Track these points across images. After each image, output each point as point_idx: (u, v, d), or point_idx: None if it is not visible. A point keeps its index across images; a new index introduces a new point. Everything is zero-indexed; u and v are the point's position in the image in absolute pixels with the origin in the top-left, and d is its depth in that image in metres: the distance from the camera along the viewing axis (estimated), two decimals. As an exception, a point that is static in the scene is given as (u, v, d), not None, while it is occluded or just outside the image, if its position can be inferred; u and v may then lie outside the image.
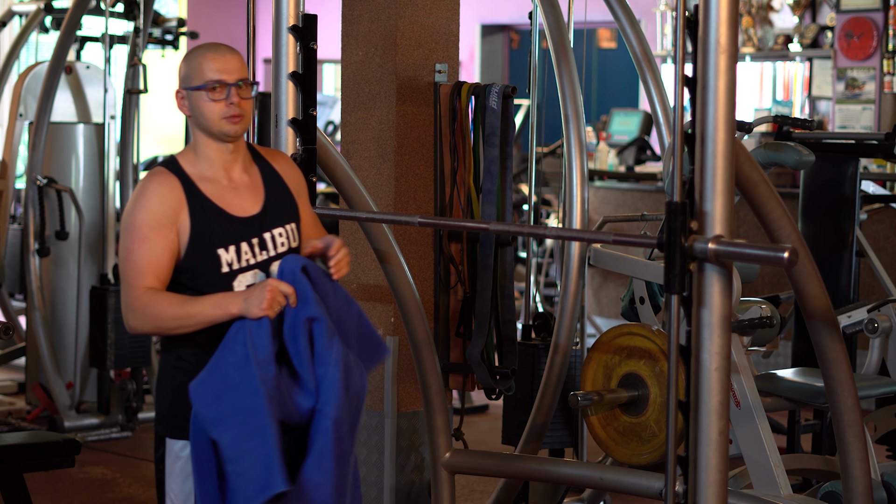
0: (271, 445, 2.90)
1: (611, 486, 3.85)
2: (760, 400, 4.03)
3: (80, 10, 6.81)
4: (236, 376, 2.93)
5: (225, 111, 3.03)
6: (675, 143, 2.79)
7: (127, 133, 6.89)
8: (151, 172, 3.06)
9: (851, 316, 4.83)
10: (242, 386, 2.93)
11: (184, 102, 3.07)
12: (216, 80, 3.03)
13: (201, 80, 3.03)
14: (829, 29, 10.02)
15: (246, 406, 2.92)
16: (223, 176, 3.09)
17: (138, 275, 2.97)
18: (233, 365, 2.94)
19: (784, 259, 2.67)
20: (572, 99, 4.52)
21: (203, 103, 3.04)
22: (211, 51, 3.07)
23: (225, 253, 3.03)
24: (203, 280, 3.02)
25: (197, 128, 3.08)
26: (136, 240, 2.98)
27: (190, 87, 3.05)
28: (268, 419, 2.91)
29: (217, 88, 3.03)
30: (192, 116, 3.07)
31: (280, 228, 3.12)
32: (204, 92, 3.03)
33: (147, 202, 3.00)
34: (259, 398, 2.91)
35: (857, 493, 3.36)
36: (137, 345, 6.66)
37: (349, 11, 4.69)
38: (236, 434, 2.93)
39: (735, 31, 2.76)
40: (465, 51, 12.55)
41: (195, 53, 3.08)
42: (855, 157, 5.23)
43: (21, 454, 4.31)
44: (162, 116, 12.23)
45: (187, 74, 3.06)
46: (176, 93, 3.08)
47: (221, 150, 3.08)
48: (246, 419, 2.92)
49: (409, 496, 4.62)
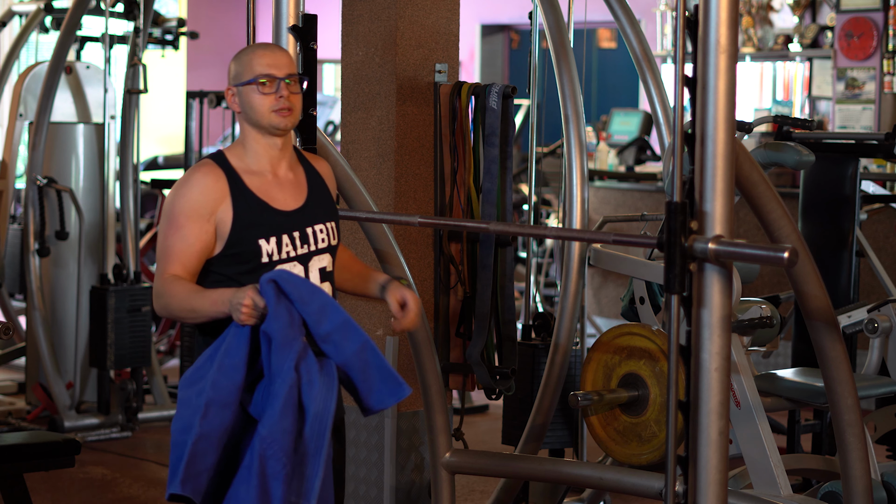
0: (187, 447, 2.94)
1: (611, 486, 3.85)
2: (760, 400, 4.03)
3: (80, 10, 6.81)
4: (201, 370, 3.01)
5: (274, 104, 3.12)
6: (675, 143, 2.79)
7: (127, 133, 6.89)
8: (198, 164, 3.14)
9: (851, 316, 4.83)
10: (198, 383, 2.99)
11: (234, 99, 3.16)
12: (266, 73, 3.11)
13: (251, 75, 3.12)
14: (829, 29, 10.02)
15: (193, 402, 2.98)
16: (269, 171, 3.16)
17: (167, 261, 3.06)
18: (206, 357, 3.02)
19: (784, 259, 2.67)
20: (572, 99, 4.52)
21: (253, 97, 3.12)
22: (261, 47, 3.17)
23: (266, 244, 3.10)
24: (243, 269, 3.08)
25: (247, 123, 3.15)
26: (172, 227, 3.06)
27: (240, 82, 3.14)
28: (196, 422, 2.94)
29: (267, 82, 3.11)
30: (243, 112, 3.15)
31: (321, 225, 3.20)
32: (254, 86, 3.11)
33: (188, 191, 3.08)
34: (201, 399, 2.96)
35: (857, 493, 3.36)
36: (137, 345, 6.66)
37: (349, 11, 4.69)
38: (183, 420, 2.98)
39: (735, 31, 2.76)
40: (465, 51, 12.55)
41: (245, 52, 3.17)
42: (855, 157, 5.23)
43: (21, 454, 4.31)
44: (162, 116, 12.24)
45: (237, 72, 3.15)
46: (227, 90, 3.16)
47: (270, 146, 3.16)
48: (190, 412, 2.98)
49: (409, 496, 4.62)
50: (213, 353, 3.01)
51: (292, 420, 2.96)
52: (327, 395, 3.03)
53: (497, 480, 4.65)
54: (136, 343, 6.66)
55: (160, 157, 11.19)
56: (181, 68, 12.61)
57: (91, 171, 6.95)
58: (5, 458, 4.23)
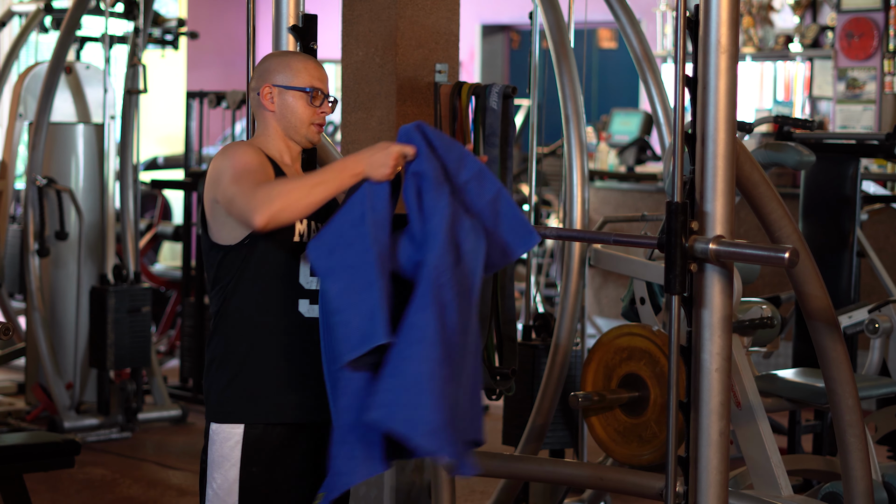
0: (376, 300, 2.94)
1: (611, 487, 3.85)
2: (761, 400, 4.03)
3: (79, 10, 6.81)
4: (351, 234, 3.01)
5: (315, 118, 3.17)
6: (676, 144, 2.78)
7: (127, 133, 6.89)
8: (236, 143, 3.12)
9: (852, 316, 4.83)
10: (355, 244, 2.99)
11: (271, 97, 3.15)
12: (319, 87, 3.16)
13: (306, 83, 3.15)
14: (830, 29, 10.02)
15: (356, 262, 2.98)
16: (290, 166, 3.20)
17: (254, 178, 2.99)
18: (349, 223, 3.01)
19: (785, 259, 2.67)
20: (572, 99, 4.52)
21: (299, 104, 3.15)
22: (309, 59, 3.21)
23: (299, 224, 3.12)
24: (276, 245, 3.08)
25: (277, 123, 3.17)
26: (241, 163, 3.02)
27: (290, 85, 3.15)
28: (375, 275, 2.96)
29: (318, 95, 3.15)
30: (278, 113, 3.16)
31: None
32: (306, 94, 3.14)
33: (247, 153, 3.07)
34: (369, 255, 2.97)
35: (858, 494, 3.36)
36: (137, 345, 6.66)
37: (349, 11, 4.68)
38: (343, 287, 2.98)
39: (736, 31, 2.76)
40: (465, 51, 12.54)
41: (292, 57, 3.20)
42: (855, 158, 5.23)
43: (21, 455, 4.30)
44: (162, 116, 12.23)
45: (284, 73, 3.16)
46: (265, 86, 3.15)
47: (292, 148, 3.21)
48: (355, 274, 2.98)
49: (409, 496, 4.61)
50: (336, 220, 3.02)
51: (453, 254, 2.99)
52: (477, 234, 3.05)
53: (497, 481, 4.64)
54: (136, 343, 6.66)
55: (160, 158, 11.19)
56: (181, 68, 12.61)
57: (91, 171, 6.95)
58: (5, 459, 4.23)
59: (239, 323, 3.11)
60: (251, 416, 3.10)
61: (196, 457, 3.46)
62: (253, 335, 3.11)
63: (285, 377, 3.12)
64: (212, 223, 3.10)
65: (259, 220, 2.92)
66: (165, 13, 7.89)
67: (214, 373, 3.15)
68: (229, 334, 3.12)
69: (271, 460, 3.11)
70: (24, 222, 6.84)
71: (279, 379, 3.11)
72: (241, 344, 3.11)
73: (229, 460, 3.10)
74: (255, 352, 3.10)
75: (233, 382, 3.11)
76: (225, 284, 3.10)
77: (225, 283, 3.10)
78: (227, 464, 3.10)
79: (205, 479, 3.16)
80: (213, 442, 3.12)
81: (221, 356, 3.13)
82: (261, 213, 2.92)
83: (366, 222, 3.00)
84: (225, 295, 3.11)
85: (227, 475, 3.10)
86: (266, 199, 2.93)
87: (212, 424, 3.13)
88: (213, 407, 3.14)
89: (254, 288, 3.09)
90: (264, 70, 3.18)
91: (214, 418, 3.13)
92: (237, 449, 3.10)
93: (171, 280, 8.61)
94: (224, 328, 3.13)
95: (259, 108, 3.18)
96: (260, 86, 3.17)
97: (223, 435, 3.11)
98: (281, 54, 3.24)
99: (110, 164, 6.85)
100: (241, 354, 3.11)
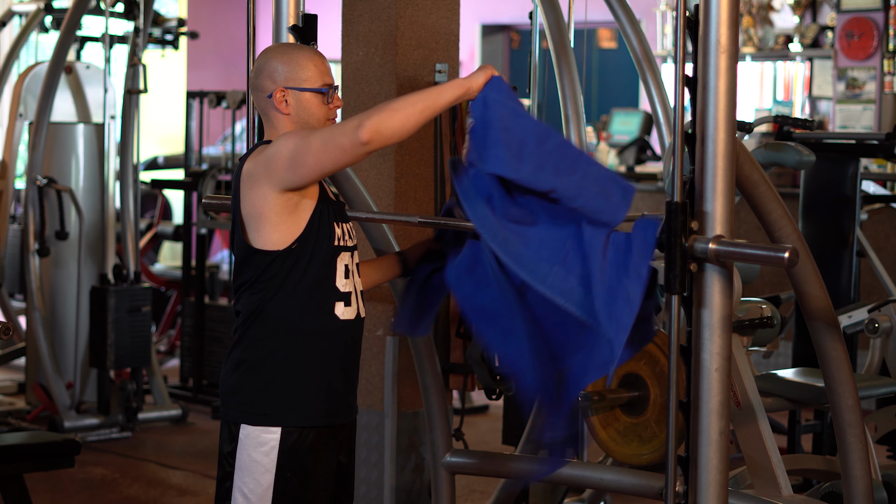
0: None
1: (611, 487, 3.84)
2: (761, 400, 4.03)
3: (80, 10, 6.81)
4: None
5: (330, 113, 3.14)
6: (676, 143, 2.78)
7: (127, 133, 6.89)
8: (261, 144, 3.09)
9: (852, 316, 4.83)
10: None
11: (285, 100, 3.10)
12: (330, 84, 3.12)
13: (320, 84, 3.11)
14: (830, 29, 10.02)
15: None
16: None
17: (340, 126, 2.95)
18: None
19: (784, 259, 2.67)
20: (572, 99, 4.52)
21: (315, 104, 3.10)
22: (314, 54, 3.14)
23: (337, 227, 3.11)
24: (317, 247, 3.06)
25: (294, 125, 3.11)
26: (296, 135, 2.99)
27: (305, 87, 3.10)
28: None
29: (331, 93, 3.12)
30: (293, 114, 3.11)
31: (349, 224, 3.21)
32: (322, 95, 3.11)
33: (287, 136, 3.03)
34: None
35: (858, 494, 3.36)
36: (137, 345, 6.66)
37: (349, 11, 4.69)
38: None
39: (735, 30, 2.76)
40: (465, 51, 12.54)
41: (295, 53, 3.13)
42: (855, 158, 5.23)
43: (21, 454, 4.30)
44: (162, 116, 12.23)
45: (297, 75, 3.10)
46: (278, 91, 3.08)
47: None
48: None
49: (409, 496, 4.61)
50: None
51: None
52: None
53: (497, 480, 4.64)
54: (136, 343, 6.66)
55: (160, 157, 11.18)
56: (181, 68, 12.61)
57: (91, 171, 6.95)
58: (5, 459, 4.23)
59: (278, 326, 3.06)
60: (289, 419, 3.06)
61: (196, 456, 3.45)
62: (292, 339, 3.06)
63: (321, 381, 3.09)
64: (258, 227, 3.03)
65: (364, 133, 2.86)
66: (165, 13, 7.89)
67: (245, 373, 3.09)
68: (266, 336, 3.07)
69: (305, 464, 3.08)
70: (24, 222, 6.84)
71: (316, 383, 3.08)
72: (280, 347, 3.07)
73: (263, 465, 3.06)
74: (294, 356, 3.06)
75: (270, 385, 3.06)
76: (265, 288, 3.05)
77: (265, 286, 3.05)
78: (261, 468, 3.06)
79: (229, 481, 3.09)
80: (244, 446, 3.07)
81: (256, 358, 3.07)
82: (364, 127, 2.87)
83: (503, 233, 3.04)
84: (263, 297, 3.05)
85: (261, 480, 3.06)
86: (363, 116, 2.89)
87: (242, 426, 3.07)
88: (244, 408, 3.08)
89: (295, 293, 3.05)
90: (273, 71, 3.10)
91: (246, 420, 3.07)
92: (273, 454, 3.05)
93: (171, 280, 8.61)
94: (260, 330, 3.07)
95: (271, 109, 3.11)
96: (270, 89, 3.09)
97: (257, 439, 3.06)
98: (285, 51, 3.15)
99: (110, 163, 6.85)
100: (279, 358, 3.06)
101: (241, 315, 3.10)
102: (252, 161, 3.04)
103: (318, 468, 3.10)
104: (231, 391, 3.12)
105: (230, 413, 3.11)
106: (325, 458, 3.11)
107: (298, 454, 3.07)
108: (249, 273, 3.07)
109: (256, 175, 3.01)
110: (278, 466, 3.06)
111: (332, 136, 2.93)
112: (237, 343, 3.11)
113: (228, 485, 3.10)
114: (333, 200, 3.15)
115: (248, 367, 3.09)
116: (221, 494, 3.13)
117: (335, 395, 3.12)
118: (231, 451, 3.09)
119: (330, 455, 3.13)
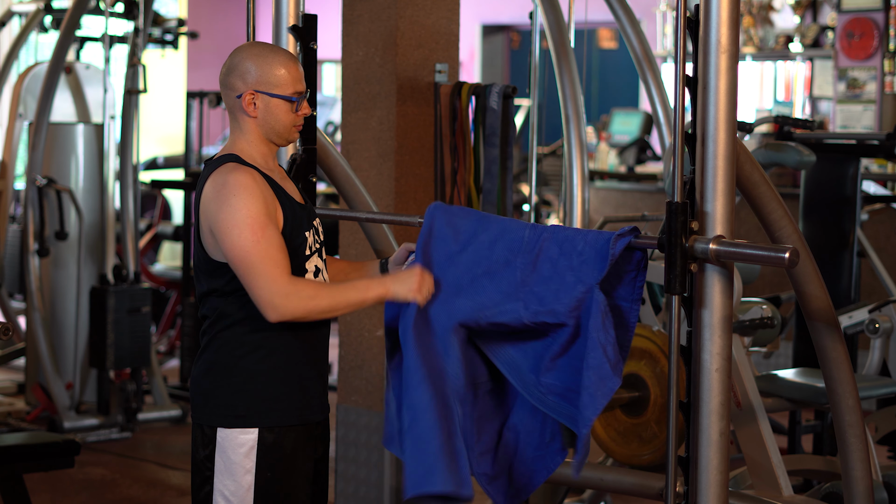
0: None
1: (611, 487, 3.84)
2: (761, 400, 4.03)
3: (79, 10, 6.81)
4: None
5: (297, 121, 3.12)
6: (676, 144, 2.78)
7: (127, 133, 6.88)
8: (232, 168, 3.03)
9: (852, 316, 4.82)
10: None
11: (255, 104, 3.08)
12: (301, 91, 3.10)
13: (291, 91, 3.08)
14: (830, 29, 10.02)
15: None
16: (274, 169, 3.15)
17: (275, 264, 2.96)
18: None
19: (785, 259, 2.67)
20: (573, 99, 4.51)
21: (285, 112, 3.09)
22: (288, 59, 3.11)
23: (308, 235, 3.11)
24: (293, 263, 3.05)
25: (260, 129, 3.09)
26: (257, 231, 2.96)
27: (275, 93, 3.07)
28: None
29: (301, 101, 3.10)
30: (260, 118, 3.09)
31: (317, 220, 3.22)
32: (291, 103, 3.09)
33: (251, 194, 2.99)
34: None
35: (858, 494, 3.35)
36: (137, 345, 6.66)
37: (349, 11, 4.68)
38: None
39: (736, 31, 2.76)
40: (465, 51, 12.55)
41: (269, 57, 3.09)
42: (856, 158, 5.23)
43: (21, 455, 4.30)
44: (162, 116, 12.24)
45: (268, 80, 3.07)
46: (248, 93, 3.06)
47: (273, 150, 3.15)
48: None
49: (410, 497, 4.61)
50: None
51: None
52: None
53: (497, 481, 4.63)
54: (136, 343, 6.66)
55: (160, 158, 11.18)
56: (181, 68, 12.61)
57: (91, 171, 6.95)
58: (5, 459, 4.22)
59: (248, 327, 3.06)
60: (266, 419, 3.06)
61: (196, 457, 3.44)
62: (264, 340, 3.06)
63: (295, 380, 3.09)
64: (211, 243, 3.02)
65: (273, 317, 2.94)
66: (165, 13, 7.89)
67: (217, 376, 3.08)
68: (237, 338, 3.07)
69: (284, 463, 3.08)
70: (24, 222, 6.84)
71: (290, 382, 3.09)
72: (253, 349, 3.06)
73: (243, 466, 3.06)
74: (267, 356, 3.06)
75: (244, 387, 3.06)
76: (233, 292, 3.04)
77: (233, 292, 3.04)
78: (241, 470, 3.06)
79: (208, 485, 3.09)
80: (223, 448, 3.07)
81: (228, 360, 3.07)
82: (285, 305, 2.94)
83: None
84: (232, 300, 3.05)
85: (241, 482, 3.06)
86: (294, 293, 2.94)
87: (219, 430, 3.07)
88: (219, 410, 3.08)
89: None
90: (245, 72, 3.07)
91: (222, 423, 3.07)
92: (252, 454, 3.05)
93: (171, 280, 8.61)
94: (230, 332, 3.07)
95: (239, 110, 3.09)
96: (241, 89, 3.06)
97: (235, 441, 3.06)
98: (259, 53, 3.10)
99: (110, 164, 6.85)
100: (252, 359, 3.06)
101: (209, 319, 3.10)
102: (212, 189, 3.01)
103: (296, 466, 3.11)
104: (204, 394, 3.11)
105: (204, 417, 3.10)
106: (303, 456, 3.12)
107: (277, 453, 3.07)
108: (215, 282, 3.06)
109: (209, 218, 3.01)
110: (258, 467, 3.06)
111: (259, 279, 2.95)
112: (207, 346, 3.11)
113: (208, 489, 3.10)
114: (300, 205, 3.13)
115: (221, 369, 3.08)
116: (201, 499, 3.12)
117: (309, 393, 3.12)
118: (208, 455, 3.09)
119: (307, 452, 3.13)
